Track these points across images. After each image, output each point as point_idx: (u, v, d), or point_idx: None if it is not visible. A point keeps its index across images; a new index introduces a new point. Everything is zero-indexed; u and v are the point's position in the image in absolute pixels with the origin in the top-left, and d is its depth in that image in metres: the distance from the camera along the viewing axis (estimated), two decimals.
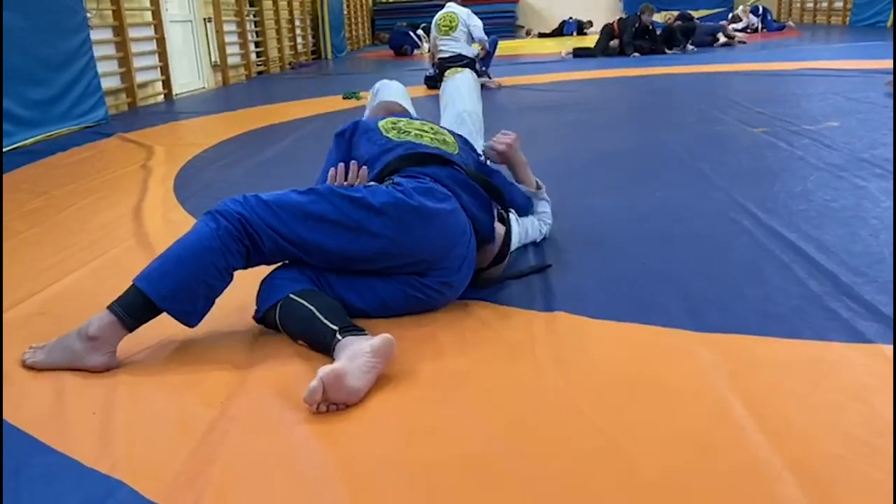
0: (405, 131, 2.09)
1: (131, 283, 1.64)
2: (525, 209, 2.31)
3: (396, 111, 2.41)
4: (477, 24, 6.94)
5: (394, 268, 1.78)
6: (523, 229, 2.26)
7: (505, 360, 1.61)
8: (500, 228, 1.97)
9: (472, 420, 1.38)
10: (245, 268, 1.70)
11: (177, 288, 1.61)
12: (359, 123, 2.18)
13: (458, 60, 6.75)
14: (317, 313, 1.62)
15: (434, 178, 1.85)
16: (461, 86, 2.76)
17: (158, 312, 1.63)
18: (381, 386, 1.51)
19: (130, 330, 1.63)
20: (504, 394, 1.46)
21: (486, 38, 6.99)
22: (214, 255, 1.62)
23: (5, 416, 1.44)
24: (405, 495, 1.18)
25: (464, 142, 2.21)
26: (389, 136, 2.06)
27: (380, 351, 1.48)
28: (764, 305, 1.79)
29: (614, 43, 9.81)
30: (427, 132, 2.11)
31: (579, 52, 10.17)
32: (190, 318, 1.65)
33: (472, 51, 6.78)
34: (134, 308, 1.61)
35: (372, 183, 1.88)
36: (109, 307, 1.62)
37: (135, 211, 3.00)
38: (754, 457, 1.21)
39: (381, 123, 2.14)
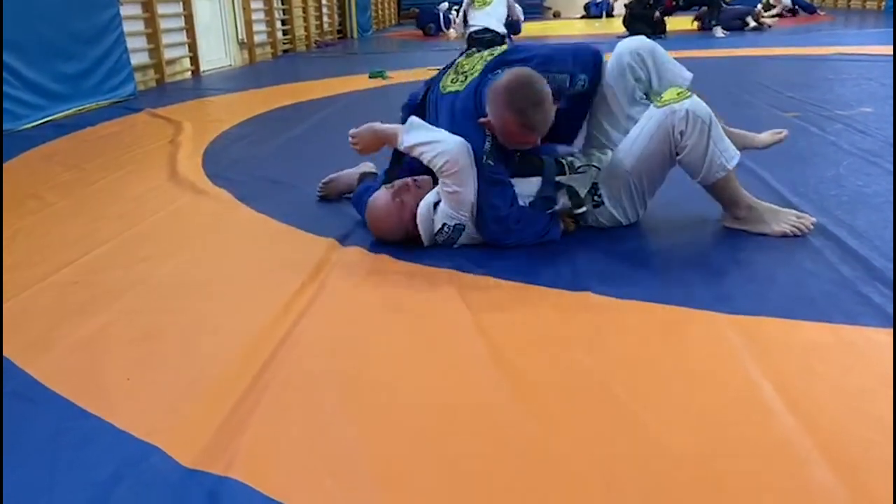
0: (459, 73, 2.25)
1: None
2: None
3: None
4: (516, 6, 7.08)
5: None
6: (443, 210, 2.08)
7: (532, 340, 1.61)
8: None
9: (500, 399, 1.38)
10: None
11: None
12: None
13: (485, 34, 6.78)
14: None
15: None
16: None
17: None
18: (411, 367, 1.52)
19: None
20: (532, 373, 1.46)
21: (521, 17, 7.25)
22: None
23: (44, 381, 1.48)
24: (435, 473, 1.19)
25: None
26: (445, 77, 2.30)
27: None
28: (795, 289, 1.78)
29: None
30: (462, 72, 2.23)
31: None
32: None
33: (502, 27, 6.78)
34: None
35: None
36: None
37: (164, 185, 3.03)
38: (784, 439, 1.21)
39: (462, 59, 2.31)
